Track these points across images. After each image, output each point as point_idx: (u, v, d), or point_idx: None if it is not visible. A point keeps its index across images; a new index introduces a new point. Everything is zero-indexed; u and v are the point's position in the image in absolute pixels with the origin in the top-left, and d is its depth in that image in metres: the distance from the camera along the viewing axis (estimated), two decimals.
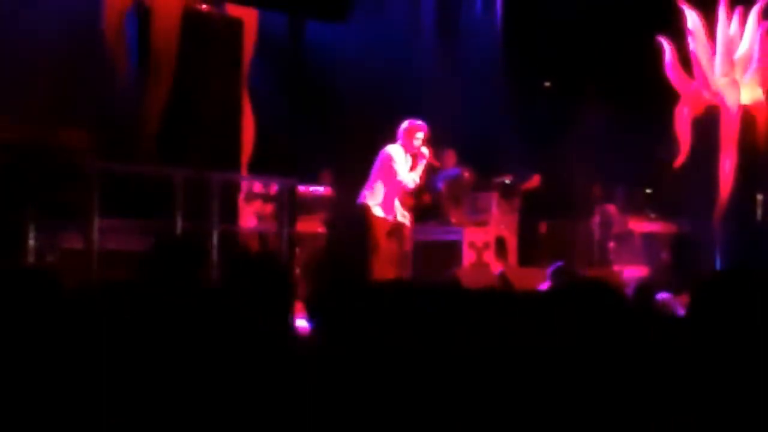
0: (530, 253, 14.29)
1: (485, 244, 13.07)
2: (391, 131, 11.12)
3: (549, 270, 8.67)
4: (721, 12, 14.30)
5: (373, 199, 10.85)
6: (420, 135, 10.87)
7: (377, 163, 10.96)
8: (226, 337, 3.50)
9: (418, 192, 11.65)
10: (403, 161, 10.88)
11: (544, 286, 7.20)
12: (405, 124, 10.96)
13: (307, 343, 4.13)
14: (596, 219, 15.10)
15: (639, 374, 3.34)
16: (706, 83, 14.30)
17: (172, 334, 3.41)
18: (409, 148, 10.89)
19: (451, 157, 14.09)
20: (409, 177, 10.86)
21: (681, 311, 6.50)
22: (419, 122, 10.98)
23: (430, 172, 11.65)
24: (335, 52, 15.09)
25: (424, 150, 10.90)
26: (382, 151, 10.96)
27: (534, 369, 3.35)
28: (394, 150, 10.89)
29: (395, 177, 10.81)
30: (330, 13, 13.49)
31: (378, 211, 10.83)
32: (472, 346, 3.61)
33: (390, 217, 10.93)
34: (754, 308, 3.26)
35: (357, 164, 11.67)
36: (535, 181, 14.61)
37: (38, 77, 10.60)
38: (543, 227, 15.30)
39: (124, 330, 3.34)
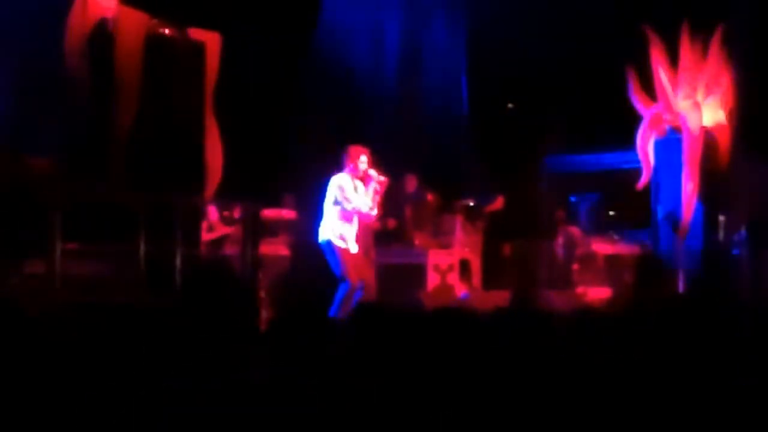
0: (494, 275, 14.26)
1: (449, 266, 13.07)
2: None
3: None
4: (684, 36, 14.39)
5: (332, 231, 10.65)
6: (364, 158, 10.69)
7: (328, 195, 10.70)
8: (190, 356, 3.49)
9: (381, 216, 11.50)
10: (352, 188, 10.69)
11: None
12: (347, 150, 10.76)
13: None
14: (560, 241, 15.12)
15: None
16: (668, 106, 14.38)
17: (135, 356, 3.40)
18: (355, 173, 10.69)
19: (412, 182, 14.10)
20: (362, 201, 10.65)
21: None
22: (359, 146, 10.82)
23: (390, 197, 11.49)
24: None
25: (372, 172, 10.69)
26: (331, 181, 10.71)
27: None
28: (342, 179, 10.69)
29: (349, 204, 10.62)
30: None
31: (340, 243, 10.61)
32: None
33: (350, 246, 10.70)
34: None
35: (319, 189, 11.56)
36: (498, 203, 14.63)
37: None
38: (507, 249, 15.28)
39: (84, 353, 3.33)
